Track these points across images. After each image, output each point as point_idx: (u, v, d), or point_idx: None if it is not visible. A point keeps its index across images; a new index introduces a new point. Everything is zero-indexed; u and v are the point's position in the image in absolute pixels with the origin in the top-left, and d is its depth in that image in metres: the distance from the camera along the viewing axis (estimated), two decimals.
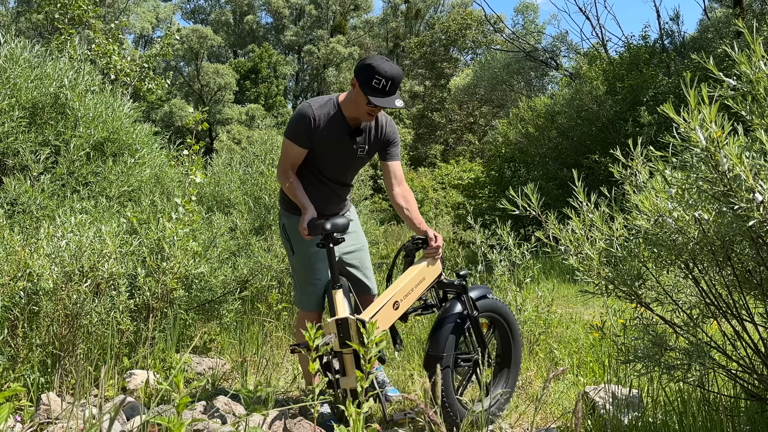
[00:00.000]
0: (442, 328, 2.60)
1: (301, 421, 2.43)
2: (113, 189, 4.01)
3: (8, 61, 3.83)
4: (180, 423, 1.58)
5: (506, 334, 2.91)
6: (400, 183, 2.77)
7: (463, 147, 26.41)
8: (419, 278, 2.62)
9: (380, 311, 2.42)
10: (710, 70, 1.76)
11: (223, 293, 3.89)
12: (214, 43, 34.26)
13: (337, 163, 2.76)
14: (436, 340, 2.57)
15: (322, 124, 2.64)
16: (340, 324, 2.34)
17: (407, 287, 2.56)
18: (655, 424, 2.35)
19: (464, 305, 2.67)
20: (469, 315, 2.66)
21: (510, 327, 2.90)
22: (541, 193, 2.50)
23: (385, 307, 2.45)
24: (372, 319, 2.33)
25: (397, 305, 2.50)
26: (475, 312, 2.68)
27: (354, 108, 2.63)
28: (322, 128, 2.64)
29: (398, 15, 36.65)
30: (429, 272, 2.67)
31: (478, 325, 2.70)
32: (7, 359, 2.57)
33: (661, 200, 1.95)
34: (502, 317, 2.88)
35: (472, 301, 2.70)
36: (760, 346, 2.04)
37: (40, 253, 2.67)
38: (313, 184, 2.75)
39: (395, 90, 2.53)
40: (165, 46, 9.18)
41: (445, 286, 2.76)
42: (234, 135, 27.52)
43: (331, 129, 2.65)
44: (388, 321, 2.47)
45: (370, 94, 2.50)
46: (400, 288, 2.53)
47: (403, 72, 9.98)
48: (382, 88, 2.50)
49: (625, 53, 13.22)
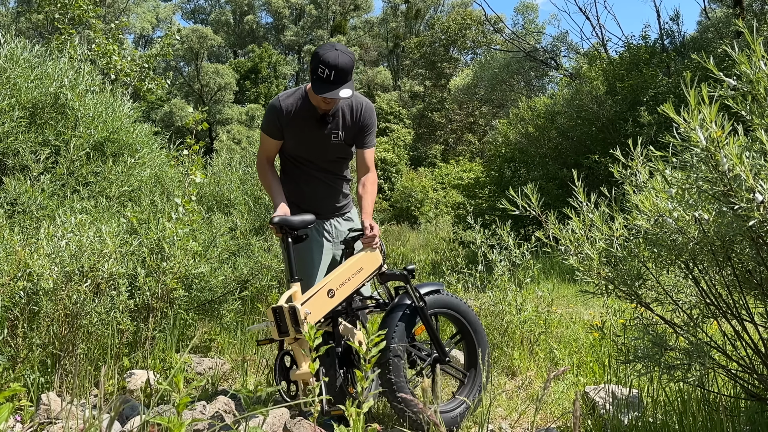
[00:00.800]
0: (389, 317, 2.62)
1: (301, 421, 2.43)
2: (113, 189, 4.01)
3: (8, 61, 3.83)
4: (180, 423, 1.58)
5: (468, 334, 2.87)
6: (366, 171, 2.77)
7: (463, 147, 26.40)
8: (356, 267, 2.58)
9: (312, 298, 2.38)
10: (710, 70, 1.76)
11: (223, 293, 3.89)
12: (214, 43, 34.28)
13: (315, 151, 2.75)
14: (383, 328, 2.58)
15: (291, 113, 2.66)
16: (276, 311, 2.33)
17: (343, 276, 2.52)
18: (655, 424, 2.35)
19: (410, 297, 2.67)
20: (416, 306, 2.66)
21: (471, 326, 2.87)
22: (541, 193, 2.50)
23: (319, 294, 2.40)
24: (303, 305, 2.32)
25: (332, 293, 2.46)
26: (421, 303, 2.67)
27: (312, 97, 2.63)
28: (290, 117, 2.67)
29: (398, 15, 36.66)
30: (367, 262, 2.63)
31: (427, 318, 2.69)
32: (7, 359, 2.57)
33: (661, 200, 1.95)
34: (461, 315, 2.86)
35: (418, 292, 2.69)
36: (760, 346, 2.04)
37: (40, 253, 2.67)
38: (304, 180, 2.78)
39: (343, 80, 2.47)
40: (165, 46, 9.18)
41: (387, 278, 2.74)
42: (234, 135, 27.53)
43: (299, 117, 2.67)
44: (322, 309, 2.42)
45: (314, 84, 2.49)
46: (335, 276, 2.50)
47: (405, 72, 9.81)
48: (326, 78, 2.45)
49: (625, 53, 13.21)
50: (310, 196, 2.77)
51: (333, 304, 2.48)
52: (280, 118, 2.67)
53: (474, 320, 2.90)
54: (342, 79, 2.47)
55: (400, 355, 2.54)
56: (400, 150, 25.18)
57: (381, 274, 2.74)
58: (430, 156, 26.88)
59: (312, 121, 2.68)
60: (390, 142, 25.56)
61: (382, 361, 2.50)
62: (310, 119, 2.68)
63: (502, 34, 20.69)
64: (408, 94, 30.40)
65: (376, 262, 2.68)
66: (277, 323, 2.33)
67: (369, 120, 2.76)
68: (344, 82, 2.48)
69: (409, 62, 30.63)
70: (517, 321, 3.85)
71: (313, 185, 2.78)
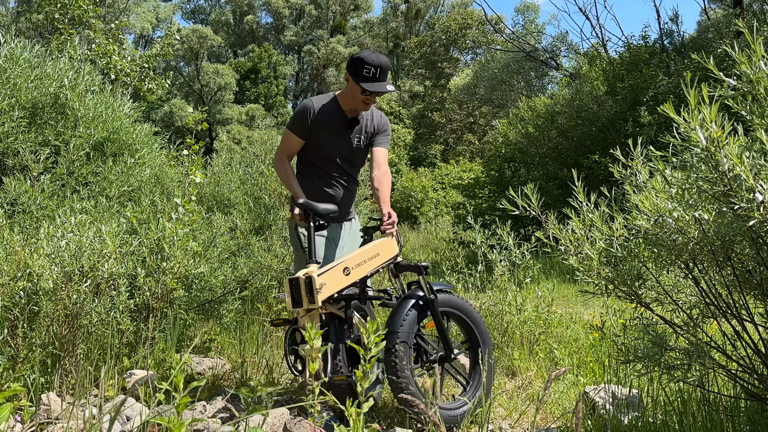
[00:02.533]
0: (400, 305, 2.69)
1: (301, 421, 2.43)
2: (113, 189, 4.01)
3: (8, 61, 3.83)
4: (180, 423, 1.58)
5: (474, 339, 2.89)
6: (379, 167, 2.95)
7: (463, 147, 26.40)
8: (373, 252, 2.72)
9: (329, 272, 2.52)
10: (710, 70, 1.76)
11: (223, 293, 3.89)
12: (214, 43, 34.27)
13: (340, 152, 2.96)
14: (393, 315, 2.66)
15: (321, 114, 2.91)
16: (292, 283, 2.44)
17: (360, 257, 2.67)
18: (655, 424, 2.35)
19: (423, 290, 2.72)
20: (427, 297, 2.71)
21: (479, 332, 2.89)
22: (541, 193, 2.50)
23: (335, 269, 2.54)
24: (320, 276, 2.44)
25: (348, 271, 2.59)
26: (432, 295, 2.73)
27: (350, 100, 2.89)
28: (320, 118, 2.90)
29: (398, 15, 36.65)
30: (383, 249, 2.77)
31: (436, 312, 2.73)
32: (7, 359, 2.57)
33: (661, 200, 1.95)
34: (470, 320, 2.89)
35: (430, 286, 2.74)
36: (760, 346, 2.04)
37: (40, 253, 2.67)
38: (325, 183, 2.97)
39: (385, 77, 2.80)
40: (165, 46, 9.18)
41: (402, 269, 2.87)
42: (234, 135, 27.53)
43: (329, 119, 2.91)
44: (337, 284, 2.54)
45: (363, 82, 2.77)
46: (352, 256, 2.65)
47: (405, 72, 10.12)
48: (372, 76, 2.77)
49: (625, 53, 13.22)
50: (331, 199, 2.93)
51: (347, 282, 2.59)
52: (311, 117, 2.90)
53: (483, 329, 2.92)
54: (385, 75, 2.80)
55: (407, 342, 2.58)
56: (400, 150, 25.19)
57: (396, 265, 2.86)
58: (430, 156, 26.87)
59: (341, 124, 2.93)
60: (390, 142, 25.53)
61: (388, 346, 2.54)
62: (339, 122, 2.93)
63: (502, 34, 20.69)
64: (408, 94, 30.39)
65: (392, 251, 2.81)
66: (291, 295, 2.43)
67: (386, 126, 3.08)
68: (385, 78, 2.80)
69: (409, 62, 30.63)
70: (517, 321, 3.85)
71: (334, 188, 2.98)
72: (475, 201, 13.92)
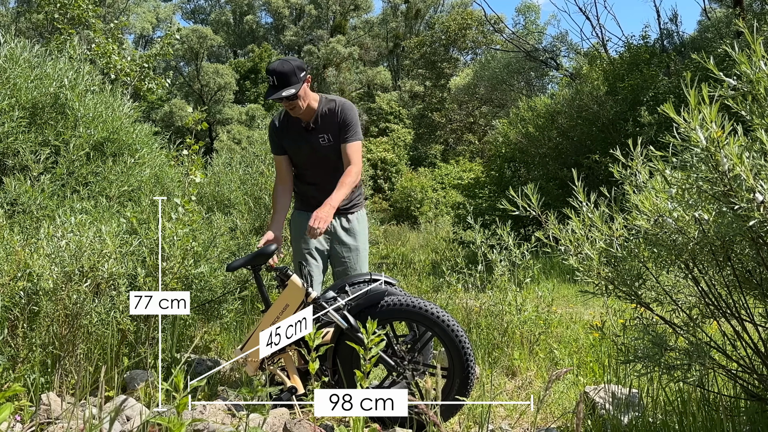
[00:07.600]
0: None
1: (301, 421, 2.42)
2: (113, 189, 4.00)
3: (8, 61, 3.83)
4: (180, 423, 1.58)
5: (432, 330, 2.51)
6: (348, 164, 2.96)
7: (463, 147, 26.40)
8: (281, 305, 2.70)
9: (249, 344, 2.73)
10: (710, 70, 1.76)
11: (223, 293, 3.88)
12: (214, 43, 34.26)
13: (310, 156, 3.06)
14: None
15: (282, 128, 3.10)
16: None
17: (270, 318, 2.71)
18: (655, 424, 2.35)
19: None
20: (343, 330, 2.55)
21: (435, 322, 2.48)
22: (541, 193, 2.49)
23: (258, 338, 2.27)
24: (241, 350, 2.73)
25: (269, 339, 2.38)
26: (346, 325, 2.53)
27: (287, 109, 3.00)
28: (282, 131, 3.09)
29: (398, 15, 36.63)
30: (290, 297, 2.66)
31: (356, 337, 2.49)
32: (7, 359, 2.57)
33: (661, 200, 1.95)
34: (416, 316, 2.51)
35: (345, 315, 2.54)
36: (760, 346, 2.04)
37: (40, 253, 2.67)
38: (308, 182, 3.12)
39: (284, 83, 2.83)
40: (165, 46, 9.18)
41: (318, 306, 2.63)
42: (234, 135, 27.52)
43: (289, 130, 3.08)
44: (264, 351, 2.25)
45: (267, 92, 2.91)
46: (263, 321, 2.71)
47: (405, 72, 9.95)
48: (272, 84, 2.86)
49: (626, 53, 13.21)
50: (316, 195, 2.98)
51: (281, 344, 2.30)
52: (276, 133, 3.10)
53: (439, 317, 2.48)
54: (283, 82, 2.83)
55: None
56: (400, 150, 25.20)
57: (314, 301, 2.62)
58: (430, 156, 26.87)
59: (300, 132, 3.05)
60: (390, 142, 25.57)
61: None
62: (298, 130, 3.05)
63: (502, 34, 20.68)
64: (408, 94, 30.38)
65: (298, 295, 2.63)
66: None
67: (346, 116, 3.01)
68: (286, 84, 2.83)
69: (409, 62, 30.60)
70: (517, 321, 3.85)
71: (319, 190, 3.00)
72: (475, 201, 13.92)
